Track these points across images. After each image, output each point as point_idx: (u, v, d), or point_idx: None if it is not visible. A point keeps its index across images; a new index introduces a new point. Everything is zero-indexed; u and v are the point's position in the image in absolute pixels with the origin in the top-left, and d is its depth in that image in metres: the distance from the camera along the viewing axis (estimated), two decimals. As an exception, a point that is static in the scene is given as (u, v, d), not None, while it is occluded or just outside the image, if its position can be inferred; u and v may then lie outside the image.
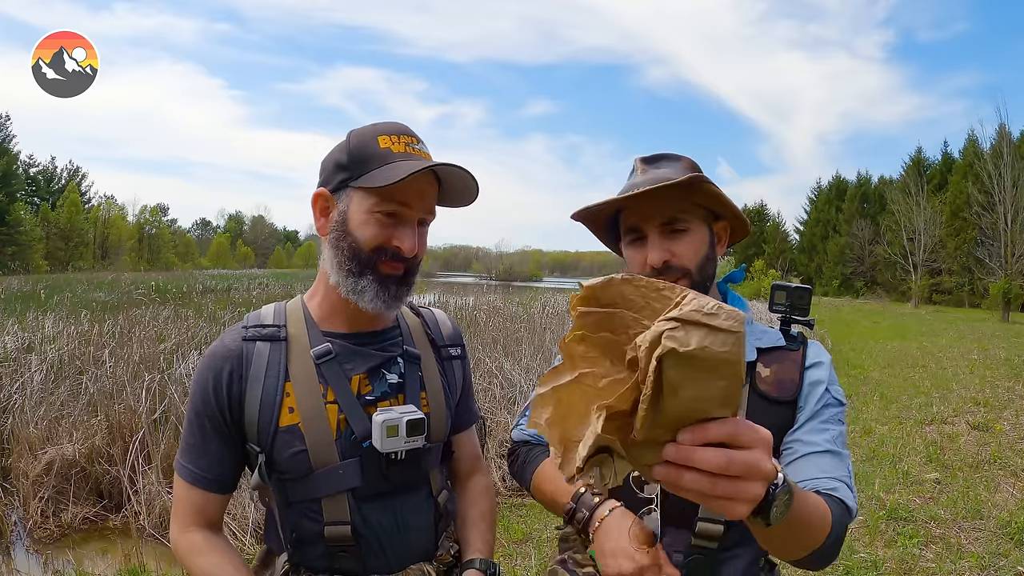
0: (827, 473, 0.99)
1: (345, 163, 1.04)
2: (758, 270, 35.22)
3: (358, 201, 1.03)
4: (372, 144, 1.03)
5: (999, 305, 25.22)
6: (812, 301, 1.18)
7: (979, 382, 8.92)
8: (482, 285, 27.05)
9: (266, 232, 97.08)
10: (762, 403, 1.06)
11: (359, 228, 1.02)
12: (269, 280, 28.71)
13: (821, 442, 1.02)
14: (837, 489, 0.96)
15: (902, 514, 4.08)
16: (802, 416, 1.06)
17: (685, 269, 1.06)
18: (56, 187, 56.27)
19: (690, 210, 1.07)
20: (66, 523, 3.85)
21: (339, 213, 1.04)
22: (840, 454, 1.02)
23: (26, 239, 42.34)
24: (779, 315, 1.19)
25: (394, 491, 1.08)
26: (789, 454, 1.04)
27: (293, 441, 1.03)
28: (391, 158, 1.02)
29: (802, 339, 1.13)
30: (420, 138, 1.08)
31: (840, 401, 1.08)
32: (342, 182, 1.04)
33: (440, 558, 1.14)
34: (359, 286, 1.03)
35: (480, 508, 1.23)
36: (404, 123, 1.08)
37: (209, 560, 1.04)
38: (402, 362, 1.13)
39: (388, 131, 1.05)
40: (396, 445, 1.03)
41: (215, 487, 1.08)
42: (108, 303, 12.33)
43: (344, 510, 1.04)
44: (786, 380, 1.07)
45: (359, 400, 1.07)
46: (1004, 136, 28.32)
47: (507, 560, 3.46)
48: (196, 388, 1.07)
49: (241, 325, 1.10)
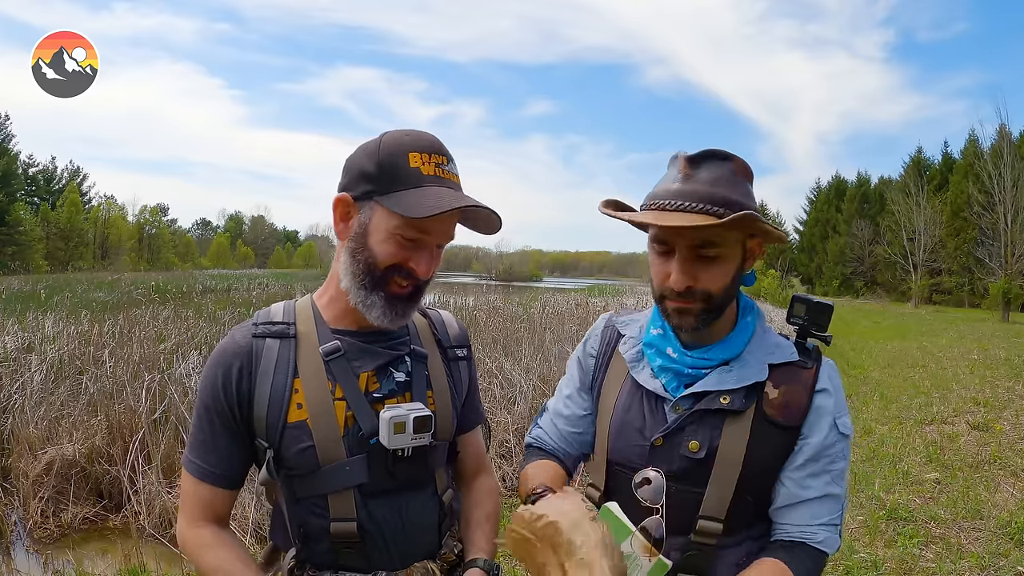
0: (817, 519, 1.04)
1: (372, 174, 1.02)
2: (758, 270, 35.18)
3: (381, 218, 1.02)
4: (402, 160, 1.01)
5: (999, 305, 25.23)
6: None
7: (979, 382, 8.93)
8: (482, 285, 27.10)
9: (266, 232, 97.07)
10: (767, 427, 1.04)
11: (378, 245, 1.02)
12: (269, 280, 28.73)
13: (819, 487, 1.04)
14: (823, 542, 1.03)
15: (902, 514, 4.08)
16: (805, 450, 1.04)
17: (707, 294, 1.03)
18: (56, 187, 56.25)
19: (725, 236, 1.01)
20: (66, 523, 3.85)
21: (360, 224, 1.04)
22: (834, 496, 1.05)
23: (26, 239, 42.32)
24: (795, 327, 1.16)
25: (400, 488, 1.09)
26: (786, 496, 1.05)
27: (301, 437, 1.04)
28: (421, 181, 1.00)
29: (817, 355, 1.10)
30: (450, 156, 1.07)
31: (846, 434, 1.07)
32: (366, 193, 1.03)
33: (444, 556, 1.14)
34: (368, 300, 1.04)
35: (485, 509, 1.24)
36: (435, 137, 1.06)
37: (217, 555, 1.05)
38: (409, 361, 1.14)
39: (419, 147, 1.03)
40: (403, 442, 1.04)
41: (223, 482, 1.08)
42: (108, 303, 12.33)
43: (350, 506, 1.05)
44: (793, 405, 1.05)
45: (367, 397, 1.07)
46: (1004, 136, 28.32)
47: (507, 560, 3.46)
48: (205, 383, 1.08)
49: (251, 322, 1.11)
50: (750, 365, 1.07)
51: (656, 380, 1.11)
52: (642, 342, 1.16)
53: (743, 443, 1.03)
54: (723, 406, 1.04)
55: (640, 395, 1.12)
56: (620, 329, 1.22)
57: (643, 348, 1.15)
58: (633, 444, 1.10)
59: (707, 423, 1.05)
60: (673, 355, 1.10)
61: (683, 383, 1.09)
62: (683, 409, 1.06)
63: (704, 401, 1.05)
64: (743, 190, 1.04)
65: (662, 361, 1.11)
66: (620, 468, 1.12)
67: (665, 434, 1.06)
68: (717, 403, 1.05)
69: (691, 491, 1.05)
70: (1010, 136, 28.59)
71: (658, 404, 1.10)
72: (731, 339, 1.10)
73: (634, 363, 1.15)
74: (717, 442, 1.04)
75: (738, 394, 1.05)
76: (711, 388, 1.06)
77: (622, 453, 1.11)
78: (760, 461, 1.03)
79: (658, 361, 1.11)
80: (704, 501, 1.04)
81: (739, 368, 1.07)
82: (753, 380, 1.05)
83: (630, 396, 1.13)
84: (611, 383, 1.17)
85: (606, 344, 1.23)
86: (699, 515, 1.04)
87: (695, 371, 1.08)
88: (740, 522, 1.06)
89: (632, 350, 1.16)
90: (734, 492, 1.03)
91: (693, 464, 1.04)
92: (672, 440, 1.06)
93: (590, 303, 13.99)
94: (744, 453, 1.03)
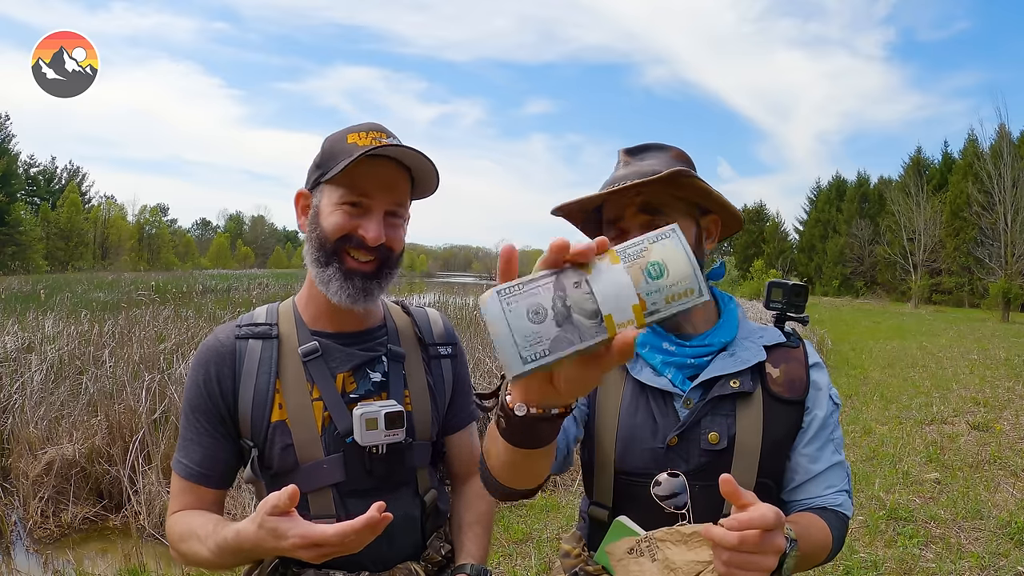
0: (834, 487, 1.07)
1: (318, 162, 1.09)
2: (758, 270, 35.22)
3: (327, 195, 1.07)
4: (341, 141, 1.07)
5: (999, 305, 25.24)
6: (811, 300, 1.19)
7: (979, 382, 8.93)
8: (482, 285, 27.05)
9: (266, 232, 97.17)
10: (776, 405, 1.05)
11: (326, 219, 1.06)
12: (269, 280, 28.69)
13: (827, 457, 1.07)
14: (841, 504, 1.06)
15: (902, 514, 4.08)
16: (812, 425, 1.07)
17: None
18: (56, 187, 56.28)
19: (672, 204, 1.05)
20: (66, 523, 3.85)
21: (313, 208, 1.09)
22: (842, 463, 1.09)
23: (26, 239, 42.32)
24: (774, 312, 1.19)
25: (378, 487, 1.09)
26: (802, 473, 1.07)
27: (282, 436, 1.06)
28: (355, 151, 1.03)
29: (797, 335, 1.14)
30: (392, 133, 1.10)
31: (838, 404, 1.12)
32: (315, 180, 1.09)
33: (429, 557, 1.14)
34: (325, 276, 1.06)
35: (476, 511, 1.22)
36: (378, 123, 1.11)
37: (187, 521, 1.06)
38: (386, 360, 1.15)
39: (358, 128, 1.08)
40: (375, 438, 1.05)
41: (209, 482, 1.09)
42: (108, 303, 12.32)
43: (329, 505, 1.06)
44: (796, 380, 1.07)
45: (343, 397, 1.09)
46: (1004, 136, 28.34)
47: (507, 560, 3.46)
48: (189, 383, 1.10)
49: (235, 324, 1.13)
50: (748, 348, 1.08)
51: (661, 376, 1.08)
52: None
53: (759, 425, 1.03)
54: (735, 390, 1.03)
55: (646, 397, 1.08)
56: None
57: (636, 349, 1.13)
58: (644, 449, 1.05)
59: (721, 412, 1.04)
60: (671, 348, 1.09)
61: (687, 375, 1.07)
62: (695, 402, 1.05)
63: (715, 388, 1.04)
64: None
65: (663, 356, 1.08)
66: (631, 478, 1.06)
67: (680, 432, 1.03)
68: (728, 388, 1.04)
69: (714, 486, 1.02)
70: (1010, 136, 28.62)
71: (667, 402, 1.06)
72: (723, 325, 1.10)
73: (632, 364, 1.11)
74: (734, 430, 1.03)
75: (745, 376, 1.05)
76: (718, 374, 1.05)
77: (632, 462, 1.06)
78: (775, 440, 1.04)
79: (658, 357, 1.09)
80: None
81: (739, 351, 1.07)
82: (755, 360, 1.06)
83: (634, 400, 1.08)
84: (607, 392, 1.11)
85: None
86: (724, 511, 1.01)
87: (698, 360, 1.07)
88: None
89: None
90: (756, 478, 1.02)
91: (713, 457, 1.02)
92: (687, 436, 1.03)
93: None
94: (761, 435, 1.03)
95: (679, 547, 0.89)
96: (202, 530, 1.01)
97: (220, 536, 0.97)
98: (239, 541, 0.93)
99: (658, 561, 0.91)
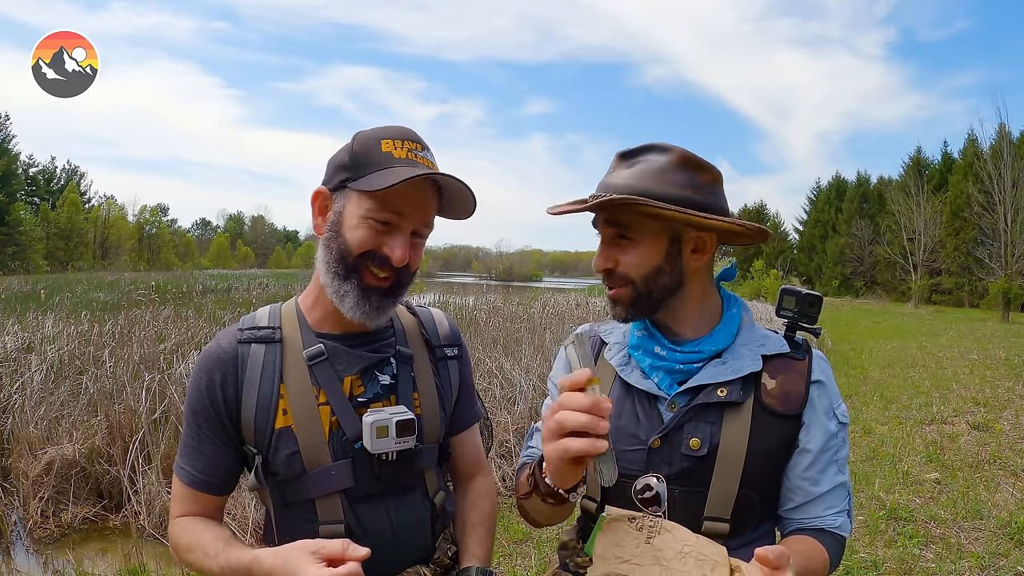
0: (833, 508, 1.06)
1: (346, 163, 1.03)
2: (758, 270, 35.21)
3: (354, 204, 1.02)
4: (375, 147, 1.02)
5: (999, 305, 25.21)
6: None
7: (979, 382, 8.93)
8: (482, 285, 27.07)
9: (266, 232, 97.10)
10: (767, 417, 1.03)
11: (351, 231, 1.01)
12: (269, 280, 28.70)
13: (830, 479, 1.06)
14: (840, 526, 1.06)
15: (902, 514, 4.08)
16: (812, 446, 1.04)
17: (627, 278, 1.04)
18: (56, 187, 56.25)
19: (638, 221, 1.02)
20: (66, 523, 3.85)
21: (335, 213, 1.04)
22: (844, 484, 1.08)
23: (26, 239, 42.30)
24: (785, 320, 1.15)
25: (387, 492, 1.08)
26: (803, 495, 1.06)
27: (287, 443, 1.03)
28: (391, 163, 1.00)
29: (807, 347, 1.10)
30: (426, 144, 1.07)
31: (844, 422, 1.08)
32: (341, 182, 1.04)
33: (437, 560, 1.13)
34: (342, 290, 1.02)
35: (480, 512, 1.21)
36: (410, 128, 1.07)
37: (193, 532, 1.06)
38: (395, 363, 1.12)
39: (392, 135, 1.04)
40: (386, 446, 1.03)
41: (211, 488, 1.08)
42: (108, 303, 12.32)
43: (338, 511, 1.04)
44: (792, 393, 1.04)
45: (351, 401, 1.06)
46: (1004, 136, 28.30)
47: (507, 560, 3.46)
48: (191, 389, 1.07)
49: (236, 327, 1.10)
50: (743, 356, 1.05)
51: (648, 380, 1.07)
52: (627, 347, 1.13)
53: (744, 436, 1.01)
54: (721, 399, 1.02)
55: (632, 398, 1.08)
56: (603, 337, 1.20)
57: (629, 351, 1.13)
58: (628, 449, 1.05)
59: (706, 419, 1.02)
60: (662, 352, 1.07)
61: (676, 380, 1.06)
62: (679, 407, 1.04)
63: (701, 395, 1.03)
64: (678, 180, 1.02)
65: (652, 360, 1.08)
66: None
67: (663, 435, 1.03)
68: (714, 396, 1.02)
69: (694, 492, 1.02)
70: (1010, 136, 28.58)
71: (652, 404, 1.07)
72: (719, 331, 1.08)
73: (623, 367, 1.11)
74: (718, 438, 1.01)
75: (735, 386, 1.03)
76: (706, 382, 1.03)
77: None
78: (762, 453, 1.02)
79: (648, 360, 1.08)
80: (708, 501, 1.01)
81: (732, 360, 1.05)
82: (748, 371, 1.03)
83: (620, 400, 1.08)
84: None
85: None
86: (704, 516, 1.02)
87: (687, 366, 1.06)
88: (746, 521, 1.04)
89: (619, 355, 1.14)
90: (738, 488, 1.01)
91: (694, 463, 1.02)
92: (670, 440, 1.03)
93: (590, 303, 13.99)
94: (746, 446, 1.01)
95: (687, 560, 0.89)
96: (211, 547, 1.01)
97: (233, 557, 0.98)
98: (249, 567, 0.95)
99: (651, 544, 0.91)
